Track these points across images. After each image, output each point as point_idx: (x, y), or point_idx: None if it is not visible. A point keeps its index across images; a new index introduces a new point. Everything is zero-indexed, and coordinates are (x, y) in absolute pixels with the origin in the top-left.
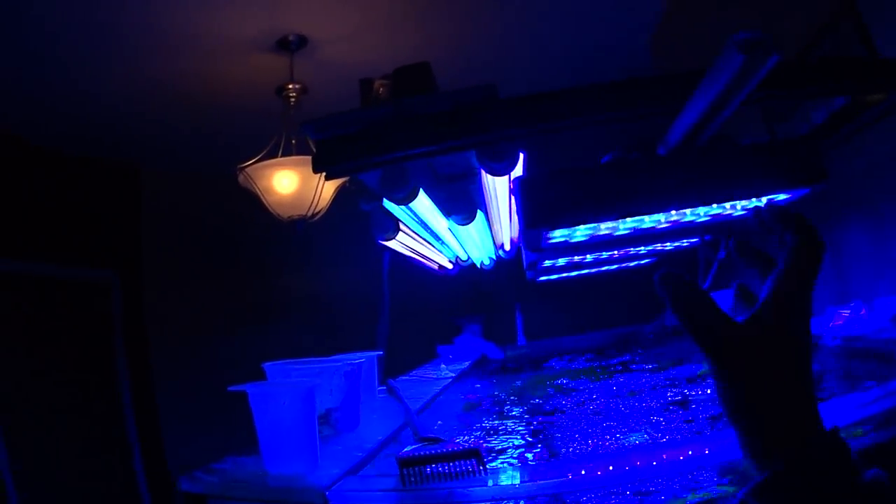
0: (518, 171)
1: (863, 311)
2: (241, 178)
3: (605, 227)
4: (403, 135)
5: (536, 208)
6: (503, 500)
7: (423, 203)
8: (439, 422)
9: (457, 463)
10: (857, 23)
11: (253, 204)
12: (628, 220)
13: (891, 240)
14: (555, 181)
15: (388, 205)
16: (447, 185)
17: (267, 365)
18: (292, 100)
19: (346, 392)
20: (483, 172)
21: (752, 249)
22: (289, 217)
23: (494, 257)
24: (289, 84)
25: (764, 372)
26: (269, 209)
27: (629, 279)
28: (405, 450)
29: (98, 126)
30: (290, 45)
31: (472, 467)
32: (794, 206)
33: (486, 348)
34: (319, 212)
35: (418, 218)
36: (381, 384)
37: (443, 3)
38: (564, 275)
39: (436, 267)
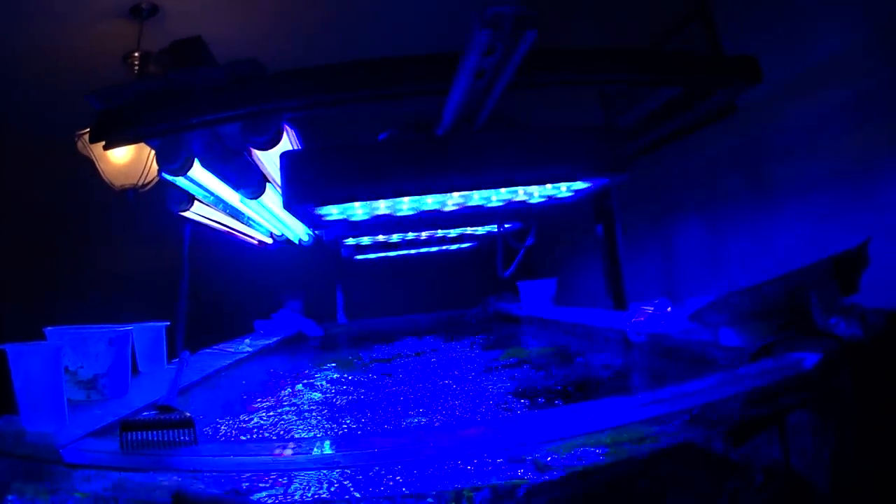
0: (286, 146)
1: (668, 309)
2: (79, 145)
3: (383, 207)
4: (172, 107)
5: (298, 184)
6: (205, 470)
7: (207, 176)
8: (209, 396)
9: (171, 431)
10: (707, 23)
11: (88, 173)
12: (405, 200)
13: (724, 240)
14: (322, 157)
15: (177, 179)
16: (235, 158)
17: (48, 329)
18: (137, 68)
19: (114, 359)
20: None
21: None
22: (121, 186)
23: (311, 234)
24: (135, 52)
25: None
26: (103, 177)
27: (452, 262)
28: (132, 415)
29: None
30: (142, 13)
31: (185, 437)
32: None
33: (304, 325)
34: (150, 183)
35: (206, 189)
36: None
37: None
38: (382, 254)
39: (255, 242)
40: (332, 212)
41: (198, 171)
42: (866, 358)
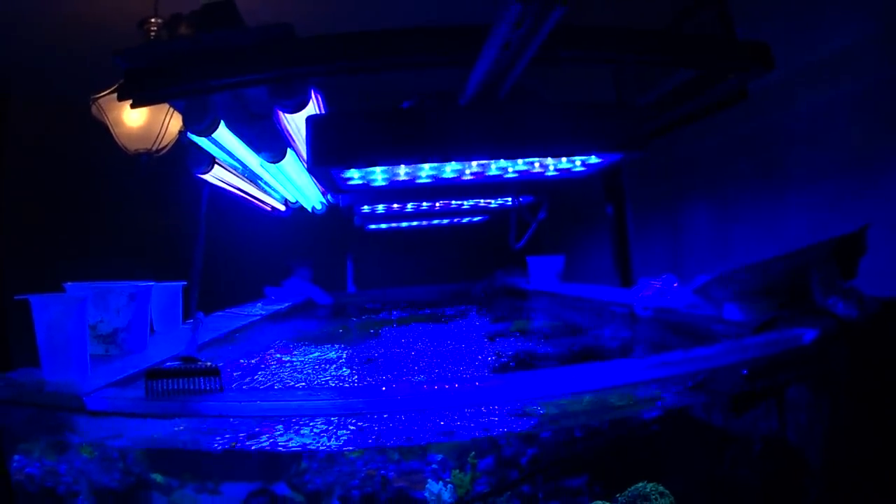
0: (312, 110)
1: (675, 285)
2: (93, 109)
3: (403, 173)
4: (201, 68)
5: (323, 146)
6: (229, 416)
7: (231, 138)
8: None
9: (197, 379)
10: (720, 9)
11: (101, 136)
12: (425, 166)
13: (731, 223)
14: (348, 121)
15: (201, 140)
16: (258, 122)
17: (68, 285)
18: (153, 34)
19: (133, 315)
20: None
21: None
22: (135, 150)
23: (325, 202)
24: (151, 18)
25: None
26: (117, 141)
27: (462, 236)
28: (158, 365)
29: None
30: None
31: (211, 385)
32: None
33: (313, 292)
34: (165, 147)
35: (228, 152)
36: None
37: None
38: (394, 224)
39: (268, 208)
40: (354, 175)
41: (222, 132)
42: (861, 338)
